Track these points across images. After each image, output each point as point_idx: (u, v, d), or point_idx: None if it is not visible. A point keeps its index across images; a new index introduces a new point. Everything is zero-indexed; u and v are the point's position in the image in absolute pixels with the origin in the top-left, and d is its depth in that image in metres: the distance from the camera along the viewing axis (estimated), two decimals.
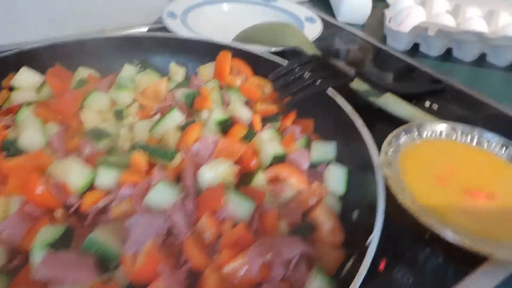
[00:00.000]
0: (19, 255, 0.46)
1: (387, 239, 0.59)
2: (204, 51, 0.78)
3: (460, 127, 0.75)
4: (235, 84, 0.74)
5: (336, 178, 0.58)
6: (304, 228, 0.52)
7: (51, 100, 0.65)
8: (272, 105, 0.69)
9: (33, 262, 0.43)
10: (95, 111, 0.66)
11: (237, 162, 0.60)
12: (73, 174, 0.51)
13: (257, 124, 0.67)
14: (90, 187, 0.52)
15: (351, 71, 0.71)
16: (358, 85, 0.87)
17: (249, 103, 0.71)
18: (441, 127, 0.75)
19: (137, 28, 1.09)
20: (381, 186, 0.49)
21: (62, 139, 0.59)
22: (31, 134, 0.56)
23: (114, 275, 0.44)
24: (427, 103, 0.92)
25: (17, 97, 0.64)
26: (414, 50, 1.19)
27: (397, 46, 1.16)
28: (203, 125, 0.64)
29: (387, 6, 1.27)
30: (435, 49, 1.14)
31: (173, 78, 0.78)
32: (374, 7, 1.36)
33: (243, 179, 0.57)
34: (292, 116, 0.70)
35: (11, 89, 0.66)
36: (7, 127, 0.59)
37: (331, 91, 0.65)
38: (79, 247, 0.45)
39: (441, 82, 0.99)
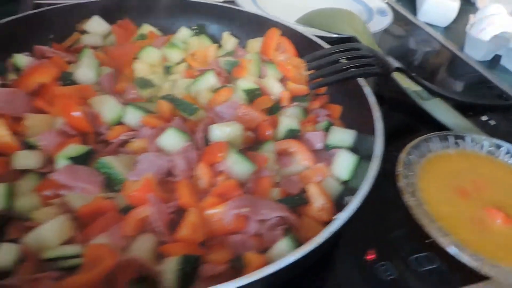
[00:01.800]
0: (50, 165, 0.55)
1: (385, 232, 0.59)
2: (257, 26, 0.82)
3: (506, 146, 0.69)
4: (277, 60, 0.77)
5: (344, 164, 0.58)
6: (296, 199, 0.54)
7: (112, 47, 0.74)
8: (304, 86, 0.71)
9: (56, 168, 0.52)
10: (146, 63, 0.74)
11: (253, 129, 0.63)
12: (107, 108, 0.59)
13: (285, 100, 0.69)
14: (120, 123, 0.60)
15: (392, 65, 0.69)
16: (409, 85, 0.84)
17: (284, 80, 0.73)
18: (485, 141, 0.70)
19: None
20: (372, 174, 0.48)
21: (111, 81, 0.67)
22: (86, 70, 0.65)
23: (116, 196, 0.51)
24: (484, 118, 0.85)
25: (85, 40, 0.75)
26: (495, 62, 1.09)
27: (475, 55, 1.07)
28: (234, 91, 0.68)
29: (476, 10, 1.18)
30: None
31: (224, 46, 0.84)
32: (462, 11, 1.27)
33: (256, 146, 0.61)
34: (322, 99, 0.71)
35: (83, 33, 0.77)
36: (69, 62, 0.69)
37: (362, 82, 0.65)
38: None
39: (509, 99, 0.91)
